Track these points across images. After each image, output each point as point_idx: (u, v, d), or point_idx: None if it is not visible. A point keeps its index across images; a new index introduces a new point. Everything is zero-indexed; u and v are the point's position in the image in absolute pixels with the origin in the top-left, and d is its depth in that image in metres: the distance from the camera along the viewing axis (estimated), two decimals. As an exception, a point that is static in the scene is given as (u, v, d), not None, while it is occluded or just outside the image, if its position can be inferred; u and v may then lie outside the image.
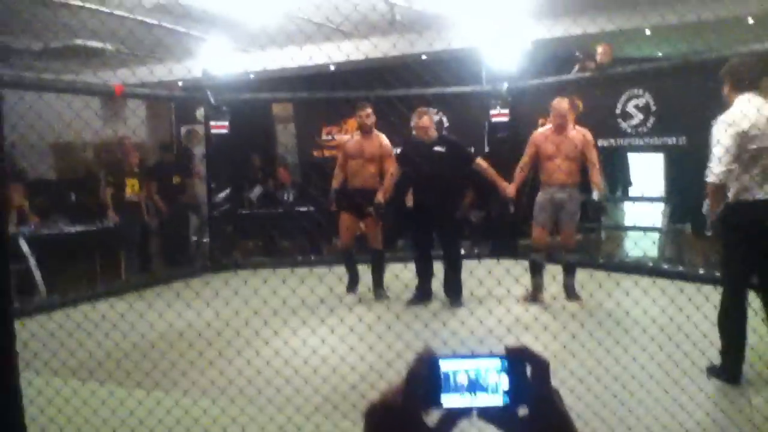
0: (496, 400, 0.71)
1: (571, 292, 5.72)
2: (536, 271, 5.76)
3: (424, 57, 8.02)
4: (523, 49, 7.90)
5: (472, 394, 0.70)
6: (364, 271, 6.18)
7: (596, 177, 5.58)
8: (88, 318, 4.45)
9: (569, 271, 5.78)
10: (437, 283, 5.96)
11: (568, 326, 4.40)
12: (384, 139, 6.21)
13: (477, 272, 4.89)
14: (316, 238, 7.99)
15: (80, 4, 6.62)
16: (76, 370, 4.28)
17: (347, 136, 6.23)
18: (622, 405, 3.39)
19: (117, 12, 6.90)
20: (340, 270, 6.16)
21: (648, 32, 7.47)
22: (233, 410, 3.60)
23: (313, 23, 7.63)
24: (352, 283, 6.21)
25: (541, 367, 0.70)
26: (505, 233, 7.67)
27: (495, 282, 4.27)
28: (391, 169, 6.01)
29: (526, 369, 0.70)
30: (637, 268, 6.72)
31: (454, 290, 5.80)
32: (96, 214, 7.77)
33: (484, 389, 0.71)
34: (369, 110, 6.12)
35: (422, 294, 5.91)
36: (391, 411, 0.69)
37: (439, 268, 5.94)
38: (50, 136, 7.90)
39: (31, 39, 7.52)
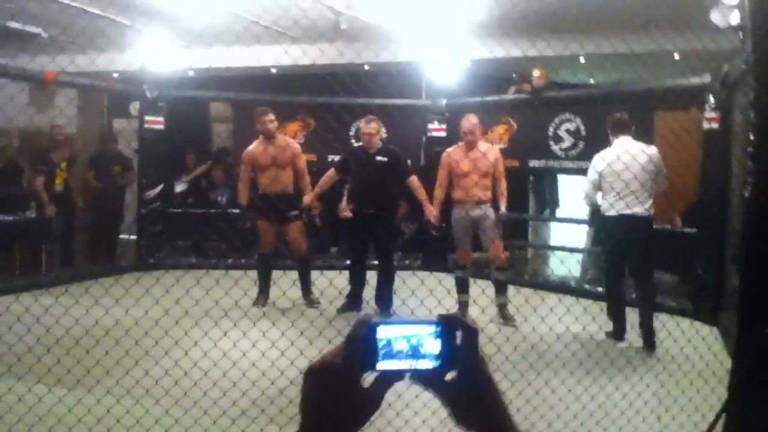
0: (429, 364, 0.76)
1: (505, 314, 5.70)
2: (462, 288, 5.82)
3: (366, 67, 8.10)
4: (462, 66, 8.09)
5: (408, 359, 0.76)
6: (292, 278, 6.15)
7: (504, 190, 5.72)
8: (9, 311, 4.29)
9: (500, 290, 5.78)
10: (369, 292, 6.01)
11: (502, 349, 4.50)
12: (291, 141, 6.31)
13: (409, 283, 4.97)
14: (248, 241, 7.94)
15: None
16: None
17: (252, 146, 6.21)
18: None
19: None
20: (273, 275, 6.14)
21: (582, 60, 7.78)
22: (157, 411, 3.55)
23: (258, 25, 7.59)
24: (261, 295, 6.12)
25: (471, 334, 0.76)
26: (435, 247, 7.79)
27: (426, 293, 4.36)
28: (329, 175, 6.04)
29: (456, 336, 0.76)
30: (561, 287, 6.97)
31: (385, 300, 5.88)
32: (19, 204, 7.49)
33: (420, 355, 0.76)
34: (271, 116, 6.14)
35: (353, 302, 5.96)
36: (329, 372, 0.73)
37: (371, 276, 6.00)
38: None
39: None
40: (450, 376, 0.76)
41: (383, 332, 0.75)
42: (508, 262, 6.19)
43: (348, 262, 6.28)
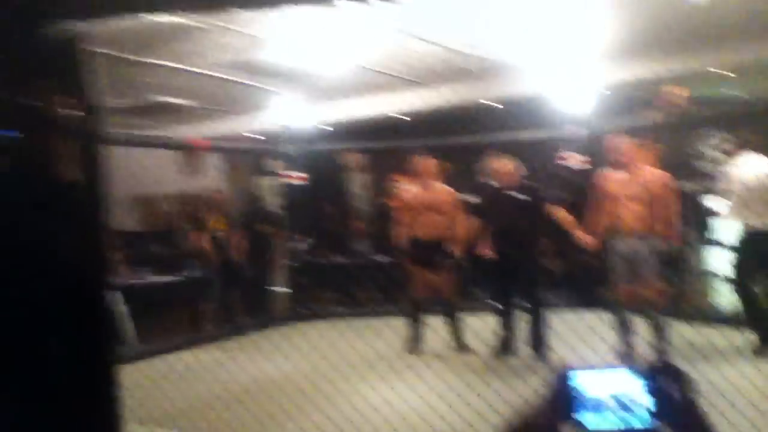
0: (644, 422, 0.67)
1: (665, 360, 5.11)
2: (623, 329, 5.20)
3: (498, 104, 8.01)
4: (597, 92, 7.77)
5: (617, 415, 0.67)
6: (439, 325, 6.07)
7: (669, 225, 5.10)
8: (173, 368, 4.55)
9: (658, 333, 5.14)
10: (520, 335, 5.77)
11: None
12: (447, 188, 6.20)
13: (562, 322, 4.71)
14: (392, 288, 8.00)
15: (164, 63, 6.95)
16: (161, 420, 4.36)
17: (408, 187, 6.21)
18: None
19: (196, 69, 7.20)
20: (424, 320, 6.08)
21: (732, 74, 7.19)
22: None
23: (385, 74, 7.75)
24: (414, 341, 6.05)
25: (687, 383, 0.67)
26: (585, 282, 7.39)
27: (583, 333, 4.09)
28: (470, 221, 5.94)
29: (669, 385, 0.67)
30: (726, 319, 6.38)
31: (538, 342, 5.61)
32: (180, 264, 8.02)
33: (630, 410, 0.67)
34: (430, 160, 6.10)
35: (506, 345, 5.75)
36: (528, 426, 0.68)
37: (520, 318, 5.77)
38: (135, 188, 8.24)
39: (116, 96, 7.92)
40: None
41: (584, 381, 0.68)
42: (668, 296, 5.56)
43: (495, 303, 6.09)
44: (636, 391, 0.68)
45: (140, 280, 7.48)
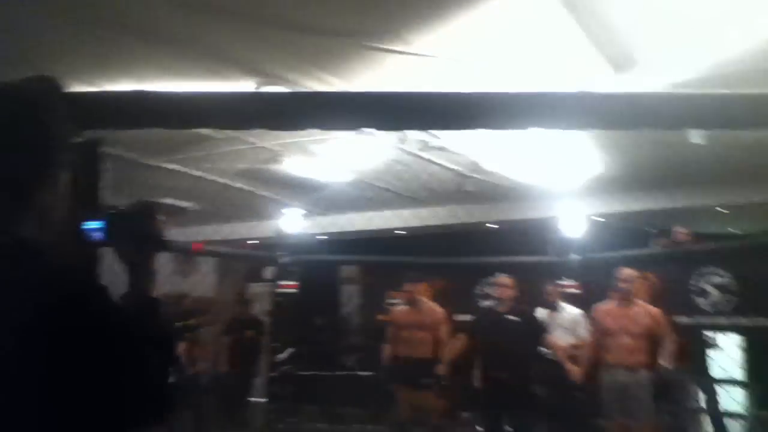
0: None
1: None
2: None
3: (495, 226, 8.09)
4: (594, 221, 7.87)
5: None
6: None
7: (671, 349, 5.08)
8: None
9: None
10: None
11: None
12: (438, 308, 6.16)
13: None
14: (376, 407, 7.73)
15: (175, 168, 7.03)
16: None
17: (399, 305, 6.22)
18: None
19: (205, 175, 7.30)
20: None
21: (725, 211, 7.37)
22: None
23: (386, 191, 7.86)
24: None
25: None
26: (574, 414, 7.18)
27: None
28: (461, 342, 5.85)
29: None
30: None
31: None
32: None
33: None
34: (421, 284, 6.13)
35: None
36: None
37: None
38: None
39: (122, 198, 7.98)
40: None
41: None
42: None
43: (481, 429, 5.90)
44: None
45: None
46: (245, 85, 4.98)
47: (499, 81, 4.00)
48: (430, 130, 5.53)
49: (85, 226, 1.41)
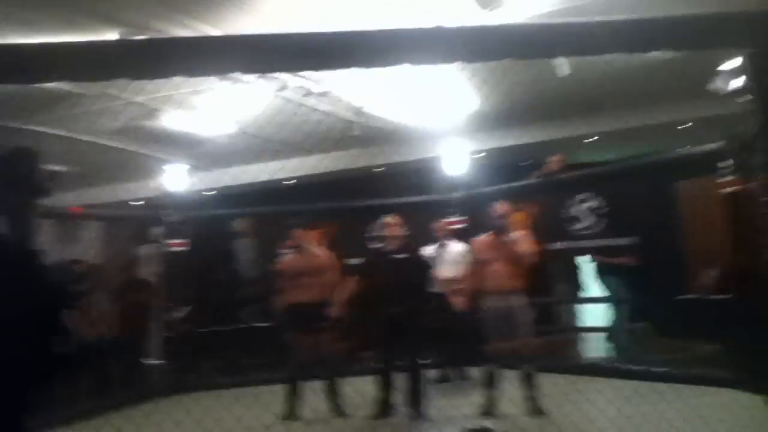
0: None
1: (535, 406, 5.32)
2: (490, 382, 5.47)
3: (382, 169, 8.23)
4: (475, 158, 8.15)
5: None
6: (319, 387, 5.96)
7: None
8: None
9: (528, 383, 5.38)
10: (398, 396, 5.77)
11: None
12: (327, 252, 6.25)
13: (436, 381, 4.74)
14: (275, 355, 7.80)
15: (46, 130, 6.65)
16: None
17: (284, 257, 6.25)
18: None
19: (80, 136, 6.97)
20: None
21: (596, 138, 7.81)
22: None
23: (273, 141, 7.81)
24: (291, 408, 5.87)
25: None
26: (463, 340, 7.53)
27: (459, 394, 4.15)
28: (351, 283, 5.97)
29: None
30: (594, 369, 6.72)
31: (416, 402, 5.63)
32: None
33: None
34: (311, 231, 6.19)
35: (384, 407, 5.71)
36: None
37: (398, 378, 5.77)
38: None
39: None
40: None
41: None
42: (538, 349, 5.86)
43: (375, 364, 6.07)
44: None
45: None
46: (109, 36, 4.76)
47: (370, 22, 4.03)
48: (299, 72, 5.49)
49: None
